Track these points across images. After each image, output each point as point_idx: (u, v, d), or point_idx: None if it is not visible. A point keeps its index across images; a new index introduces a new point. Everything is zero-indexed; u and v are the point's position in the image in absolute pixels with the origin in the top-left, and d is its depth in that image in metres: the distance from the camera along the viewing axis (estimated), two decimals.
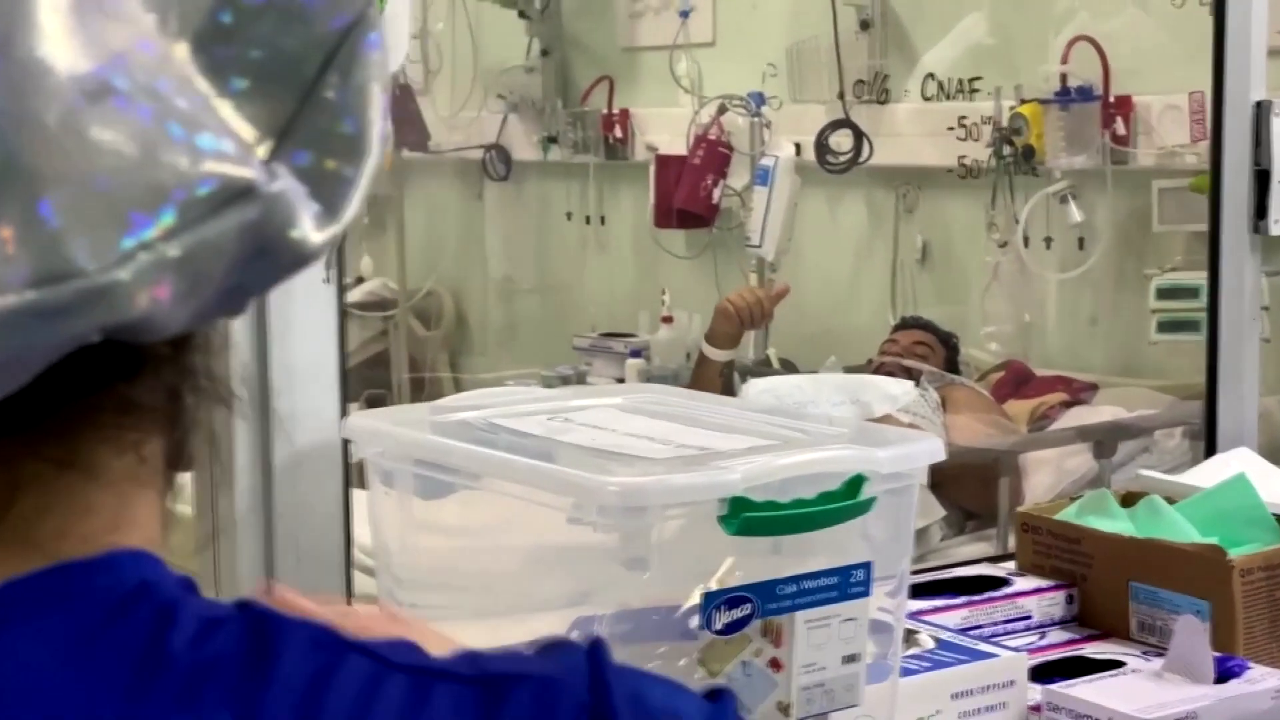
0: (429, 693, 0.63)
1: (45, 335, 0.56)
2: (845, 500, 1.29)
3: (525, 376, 4.55)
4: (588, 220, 5.03)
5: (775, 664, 1.29)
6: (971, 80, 3.90)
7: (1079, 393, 3.60)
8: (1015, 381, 3.72)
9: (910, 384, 2.08)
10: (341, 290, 1.46)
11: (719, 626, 1.26)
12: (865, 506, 1.30)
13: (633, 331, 4.64)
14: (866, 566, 1.32)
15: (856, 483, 1.29)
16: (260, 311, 1.41)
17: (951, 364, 3.78)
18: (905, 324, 3.90)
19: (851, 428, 1.43)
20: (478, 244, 5.36)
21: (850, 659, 1.32)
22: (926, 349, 3.74)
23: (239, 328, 1.41)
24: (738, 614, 1.26)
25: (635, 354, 4.46)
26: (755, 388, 1.93)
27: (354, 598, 1.49)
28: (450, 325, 5.41)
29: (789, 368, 4.00)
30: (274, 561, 1.42)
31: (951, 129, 3.89)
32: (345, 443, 1.48)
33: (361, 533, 1.51)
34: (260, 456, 1.42)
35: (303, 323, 1.43)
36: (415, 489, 1.44)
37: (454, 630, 1.46)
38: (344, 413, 1.48)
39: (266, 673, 0.61)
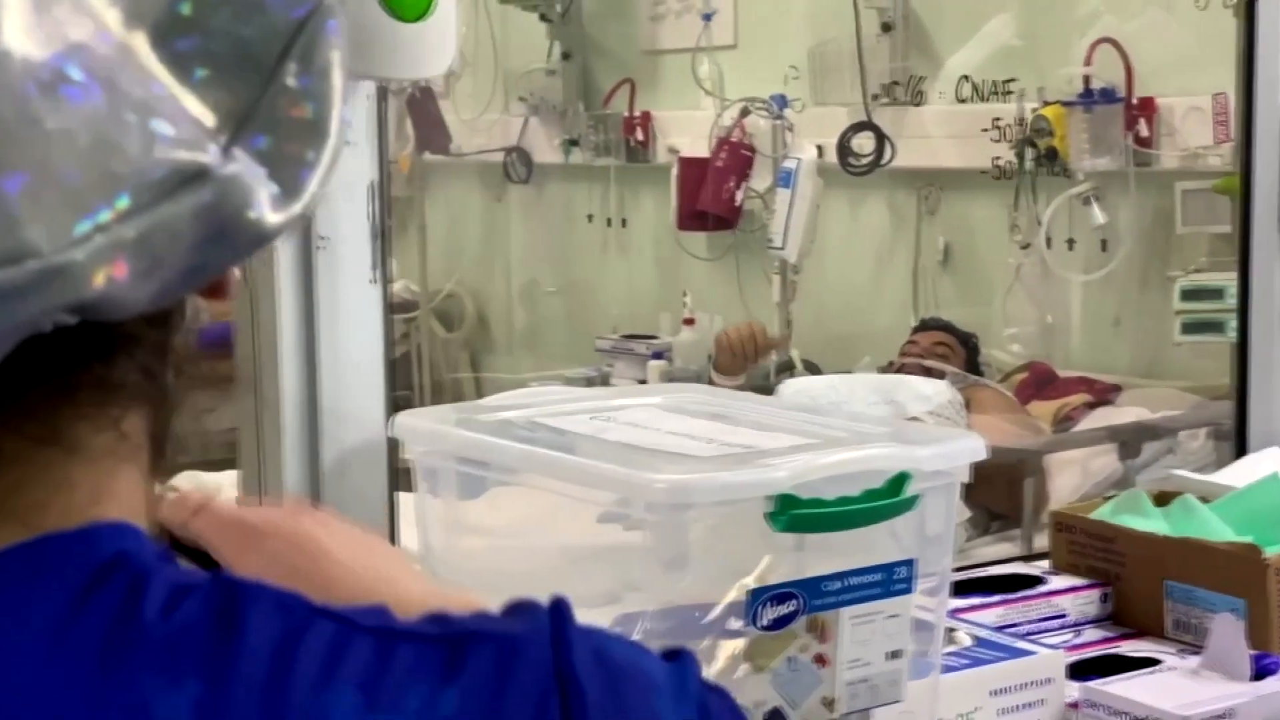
0: (393, 653, 0.64)
1: (5, 315, 0.59)
2: (889, 498, 1.30)
3: (547, 378, 4.56)
4: (609, 223, 5.05)
5: (821, 659, 1.31)
6: (1006, 81, 3.90)
7: (1102, 394, 3.61)
8: (1038, 383, 3.73)
9: (943, 384, 2.09)
10: (386, 290, 1.48)
11: (766, 622, 1.27)
12: (909, 504, 1.32)
13: (654, 333, 4.65)
14: (910, 564, 1.34)
15: (900, 481, 1.30)
16: (309, 311, 1.43)
17: (972, 364, 3.79)
18: (925, 325, 3.91)
19: (892, 426, 1.45)
20: (499, 246, 5.38)
21: (894, 655, 1.34)
22: (947, 349, 3.76)
23: (287, 327, 1.43)
24: (784, 610, 1.28)
25: (657, 355, 4.48)
26: (790, 388, 1.95)
27: None
28: (471, 327, 5.43)
29: (812, 369, 4.01)
30: None
31: (986, 130, 3.88)
32: (390, 441, 1.50)
33: (407, 537, 1.53)
34: (308, 455, 1.44)
35: (349, 323, 1.44)
36: (460, 487, 1.45)
37: None
38: (389, 412, 1.49)
39: (234, 641, 0.62)
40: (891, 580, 1.33)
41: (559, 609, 0.68)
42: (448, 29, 1.40)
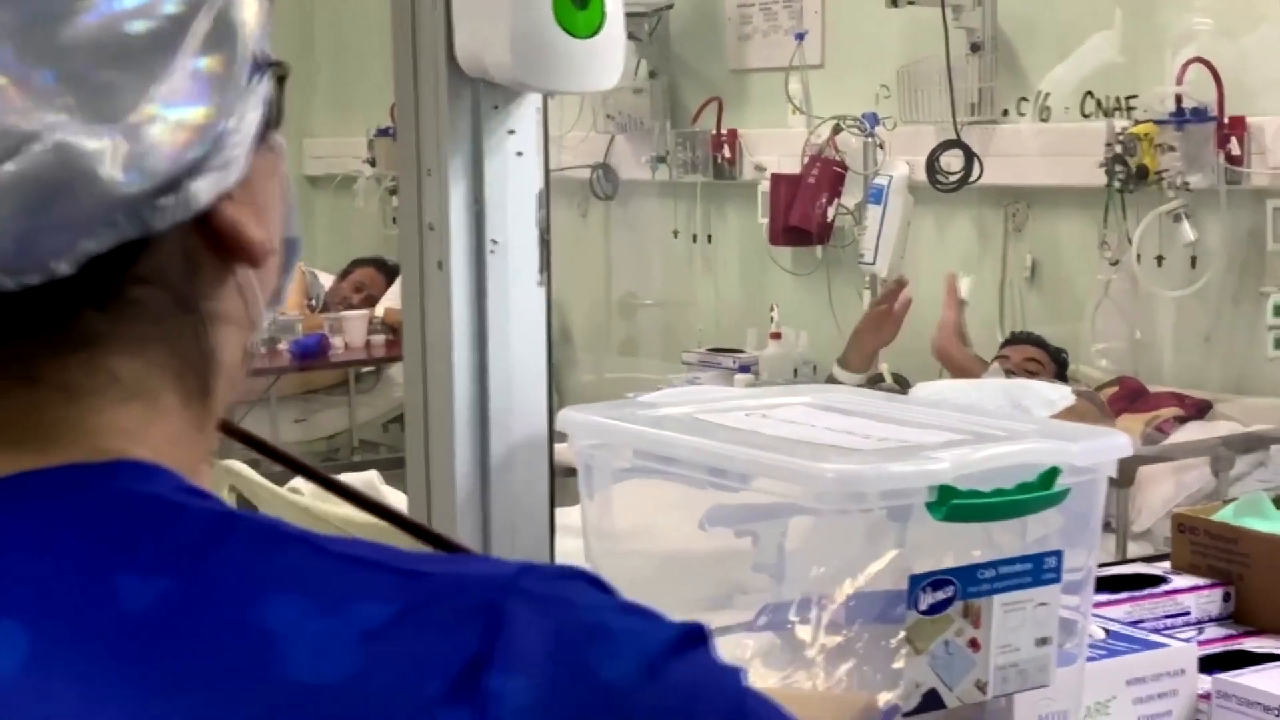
0: (354, 574, 0.68)
1: None
2: (1041, 491, 1.37)
3: (636, 389, 4.63)
4: (694, 238, 5.13)
5: (974, 644, 1.37)
6: (1129, 98, 3.93)
7: (1193, 409, 3.65)
8: (1129, 397, 3.78)
9: (1067, 389, 2.14)
10: (550, 292, 1.55)
11: (924, 607, 1.34)
12: (1059, 497, 1.38)
13: (740, 347, 4.72)
14: (1058, 554, 1.40)
15: (1052, 474, 1.37)
16: (480, 310, 1.50)
17: (1061, 380, 3.84)
18: (1015, 339, 3.97)
19: (1038, 423, 1.51)
20: (584, 261, 5.46)
21: (1042, 641, 1.40)
22: (1038, 365, 3.81)
23: (460, 325, 1.50)
24: (941, 595, 1.34)
25: (744, 369, 4.55)
26: (923, 390, 2.02)
27: None
28: (556, 341, 5.50)
29: (901, 382, 4.07)
30: (490, 547, 1.51)
31: (1108, 144, 3.85)
32: (551, 436, 1.57)
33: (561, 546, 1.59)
34: (479, 449, 1.51)
35: (518, 322, 1.52)
36: (617, 482, 1.53)
37: None
38: (551, 410, 1.56)
39: (211, 553, 0.68)
40: (1041, 570, 1.39)
41: (538, 565, 0.69)
42: (617, 45, 1.47)
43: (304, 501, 3.06)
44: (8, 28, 0.66)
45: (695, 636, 0.68)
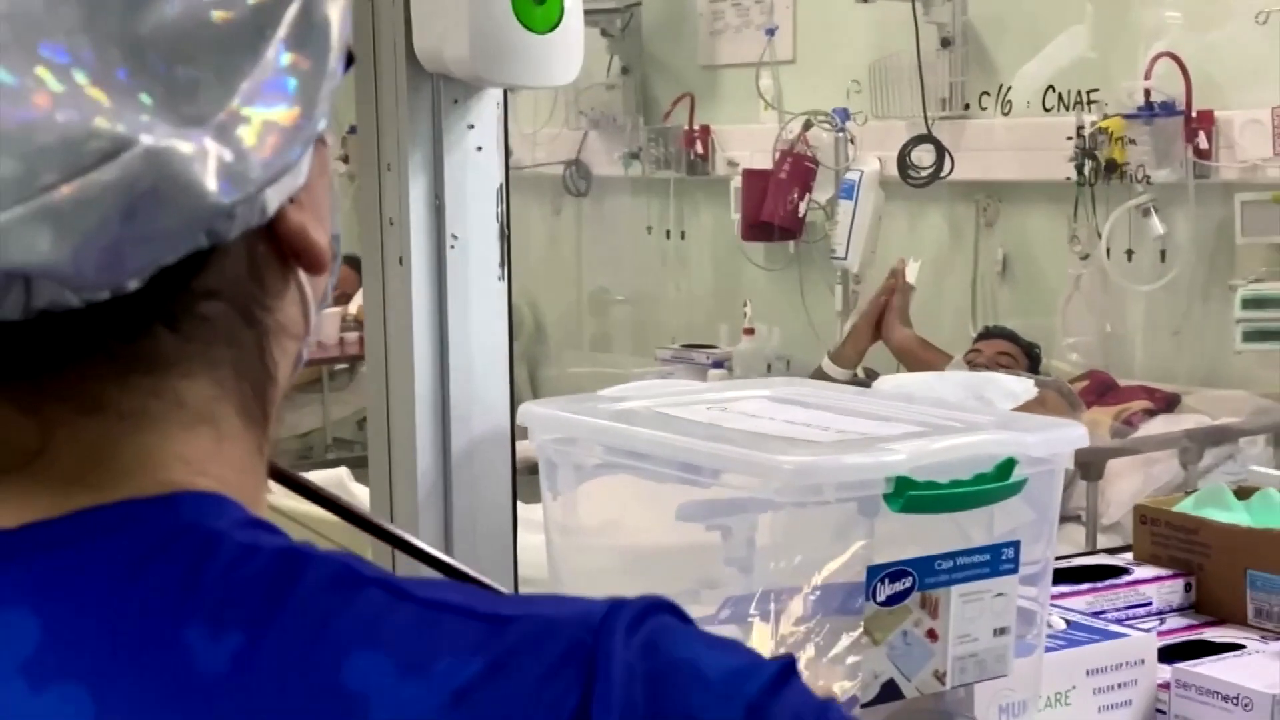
0: (435, 623, 0.63)
1: None
2: (997, 482, 1.38)
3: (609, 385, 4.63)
4: (668, 234, 5.13)
5: (932, 634, 1.37)
6: (1090, 92, 3.95)
7: (1162, 401, 3.67)
8: (1098, 390, 3.80)
9: (1030, 382, 2.15)
10: (510, 286, 1.56)
11: (882, 598, 1.35)
12: (1016, 488, 1.39)
13: (713, 343, 4.73)
14: (1015, 545, 1.41)
15: (1008, 466, 1.38)
16: (441, 305, 1.51)
17: (1034, 375, 3.86)
18: (989, 333, 3.98)
19: (997, 415, 1.52)
20: (558, 258, 5.46)
21: (1000, 631, 1.41)
22: (1010, 359, 3.83)
23: (420, 320, 1.51)
24: (899, 586, 1.35)
25: (717, 365, 4.56)
26: (887, 383, 2.03)
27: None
28: (530, 338, 5.51)
29: (873, 377, 4.08)
30: (452, 539, 1.51)
31: (1069, 138, 3.90)
32: (513, 430, 1.58)
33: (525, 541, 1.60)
34: (440, 442, 1.52)
35: (478, 316, 1.52)
36: (578, 476, 1.53)
37: None
38: (513, 403, 1.57)
39: (283, 599, 0.62)
40: (999, 561, 1.40)
41: (624, 602, 0.65)
42: (575, 40, 1.48)
43: (270, 500, 3.05)
44: (83, 20, 0.60)
45: (789, 671, 0.65)
